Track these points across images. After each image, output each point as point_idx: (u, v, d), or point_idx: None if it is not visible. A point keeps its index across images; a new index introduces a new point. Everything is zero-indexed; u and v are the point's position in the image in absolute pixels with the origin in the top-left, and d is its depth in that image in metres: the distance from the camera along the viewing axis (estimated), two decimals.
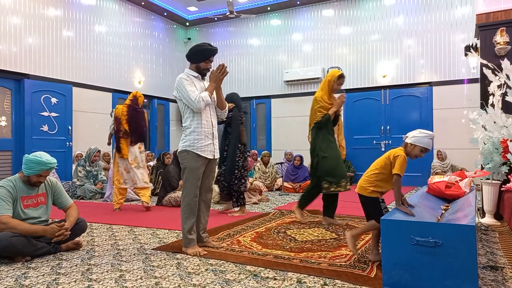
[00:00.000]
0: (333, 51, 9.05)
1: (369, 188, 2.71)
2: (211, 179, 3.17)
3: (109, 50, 8.51)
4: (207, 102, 2.96)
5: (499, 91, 4.37)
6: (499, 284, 2.24)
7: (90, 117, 7.99)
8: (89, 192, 6.41)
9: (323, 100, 4.07)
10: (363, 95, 8.78)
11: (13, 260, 2.73)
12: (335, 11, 9.04)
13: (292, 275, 2.40)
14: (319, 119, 4.02)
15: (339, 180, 3.91)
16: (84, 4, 8.00)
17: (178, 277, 2.38)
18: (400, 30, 8.40)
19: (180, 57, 10.42)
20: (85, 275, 2.43)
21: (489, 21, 5.10)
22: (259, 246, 3.12)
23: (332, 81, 4.11)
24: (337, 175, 3.91)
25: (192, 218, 2.97)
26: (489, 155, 4.17)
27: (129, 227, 4.02)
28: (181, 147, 3.02)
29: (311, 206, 5.25)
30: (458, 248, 1.98)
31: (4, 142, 6.73)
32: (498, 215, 4.13)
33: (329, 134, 4.07)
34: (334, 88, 4.13)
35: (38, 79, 7.06)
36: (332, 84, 4.12)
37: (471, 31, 7.32)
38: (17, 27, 6.83)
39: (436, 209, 2.97)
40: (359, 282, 2.26)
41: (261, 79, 9.89)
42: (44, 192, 3.09)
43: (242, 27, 10.13)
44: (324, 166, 3.94)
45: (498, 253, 2.93)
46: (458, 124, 7.69)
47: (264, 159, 7.65)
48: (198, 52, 3.05)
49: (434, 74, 8.07)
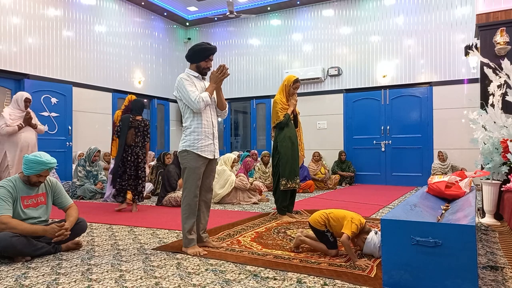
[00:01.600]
0: (333, 51, 9.05)
1: (320, 222, 2.85)
2: (211, 179, 3.17)
3: (109, 50, 8.51)
4: (207, 103, 2.95)
5: (499, 91, 4.37)
6: (499, 284, 2.24)
7: (90, 117, 7.99)
8: (89, 192, 6.40)
9: (282, 102, 4.39)
10: (363, 95, 8.78)
11: (13, 260, 2.73)
12: (335, 11, 9.05)
13: (292, 275, 2.40)
14: (281, 119, 4.31)
15: (294, 177, 4.30)
16: (84, 4, 8.00)
17: (178, 277, 2.38)
18: (400, 30, 8.41)
19: (180, 57, 10.43)
20: (85, 275, 2.43)
21: (489, 21, 5.10)
22: (259, 246, 3.12)
23: (288, 85, 4.42)
24: (291, 173, 4.29)
25: (192, 218, 2.97)
26: (489, 155, 4.17)
27: (129, 227, 4.02)
28: (181, 147, 3.02)
29: (311, 206, 5.27)
30: (458, 248, 1.98)
31: None
32: (498, 215, 4.13)
33: (290, 134, 4.36)
34: (290, 92, 4.44)
35: (38, 79, 7.06)
36: (289, 89, 4.42)
37: (471, 31, 7.32)
38: (17, 27, 6.83)
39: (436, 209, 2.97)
40: (359, 282, 2.26)
41: (261, 79, 9.89)
42: (44, 192, 3.09)
43: (242, 27, 10.14)
44: (282, 165, 4.29)
45: (498, 253, 2.93)
46: (458, 124, 7.69)
47: (264, 159, 7.66)
48: (198, 52, 3.05)
49: (434, 74, 8.07)
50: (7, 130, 4.98)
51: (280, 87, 4.51)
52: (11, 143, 5.06)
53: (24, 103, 5.21)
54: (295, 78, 4.42)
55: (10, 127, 5.00)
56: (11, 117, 5.08)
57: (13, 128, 5.02)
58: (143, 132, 5.17)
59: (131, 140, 5.10)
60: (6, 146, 5.05)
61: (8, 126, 4.99)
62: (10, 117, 5.06)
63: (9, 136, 5.04)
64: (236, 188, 5.80)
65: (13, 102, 5.26)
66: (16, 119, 5.11)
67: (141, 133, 5.16)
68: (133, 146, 5.11)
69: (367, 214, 4.64)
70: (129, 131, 5.11)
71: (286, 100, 4.43)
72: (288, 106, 4.41)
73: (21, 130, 5.12)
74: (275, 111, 4.36)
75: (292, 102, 4.42)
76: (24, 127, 5.14)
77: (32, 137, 5.28)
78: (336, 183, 8.06)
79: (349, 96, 8.93)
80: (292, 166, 4.31)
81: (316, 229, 2.89)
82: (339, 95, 8.98)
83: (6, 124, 4.99)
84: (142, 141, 5.16)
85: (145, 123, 5.21)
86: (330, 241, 2.83)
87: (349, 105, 8.90)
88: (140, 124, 5.16)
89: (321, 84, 9.15)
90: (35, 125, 5.32)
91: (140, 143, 5.14)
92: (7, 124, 5.00)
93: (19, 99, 5.23)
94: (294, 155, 4.37)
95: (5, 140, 5.06)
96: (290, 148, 4.32)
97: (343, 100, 8.94)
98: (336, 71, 8.90)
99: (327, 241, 2.83)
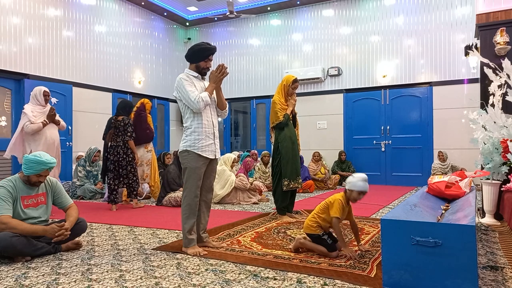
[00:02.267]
0: (333, 51, 9.05)
1: (313, 226, 2.88)
2: (212, 179, 3.17)
3: (109, 50, 8.51)
4: (207, 103, 2.95)
5: (499, 91, 4.37)
6: (499, 284, 2.24)
7: (90, 117, 7.98)
8: (89, 192, 6.41)
9: (281, 103, 4.37)
10: (363, 95, 8.78)
11: (13, 260, 2.73)
12: (335, 11, 9.04)
13: (292, 275, 2.40)
14: (281, 119, 4.30)
15: (296, 177, 4.32)
16: (84, 4, 8.00)
17: (178, 277, 2.38)
18: (400, 30, 8.40)
19: (180, 57, 10.43)
20: (85, 275, 2.43)
21: (489, 21, 5.10)
22: (259, 246, 3.12)
23: (287, 85, 4.39)
24: (293, 173, 4.29)
25: (192, 218, 2.97)
26: (489, 155, 4.17)
27: (129, 227, 4.02)
28: (182, 147, 3.02)
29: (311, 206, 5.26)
30: (458, 248, 1.98)
31: (4, 142, 6.71)
32: (498, 215, 4.13)
33: (290, 134, 4.36)
34: (289, 92, 4.42)
35: (38, 79, 7.05)
36: (287, 89, 4.40)
37: (471, 31, 7.32)
38: (17, 27, 6.82)
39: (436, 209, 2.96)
40: (359, 282, 2.26)
41: (261, 79, 9.89)
42: (44, 192, 3.09)
43: (242, 27, 10.14)
44: (284, 165, 4.28)
45: (498, 253, 2.93)
46: (458, 124, 7.69)
47: (264, 159, 7.65)
48: (197, 52, 3.05)
49: (434, 74, 8.07)
50: (32, 128, 4.65)
51: (278, 87, 4.48)
52: (37, 141, 4.73)
53: (44, 97, 4.88)
54: (294, 78, 4.40)
55: (34, 124, 4.66)
56: (33, 114, 4.76)
57: (38, 125, 4.69)
58: (122, 131, 5.27)
59: (110, 140, 5.32)
60: (32, 145, 4.73)
61: (32, 123, 4.66)
62: (32, 114, 4.74)
63: (34, 134, 4.71)
64: (236, 188, 5.80)
65: (32, 98, 4.89)
66: (39, 116, 4.78)
67: (121, 132, 5.28)
68: (114, 145, 5.28)
69: (367, 214, 4.65)
70: (109, 132, 5.37)
71: (285, 101, 4.40)
72: (287, 106, 4.39)
73: (45, 127, 4.78)
74: (274, 111, 4.35)
75: (291, 102, 4.41)
76: (48, 124, 4.80)
77: (57, 135, 4.98)
78: (336, 183, 8.06)
79: (349, 96, 8.93)
80: (294, 166, 4.30)
81: (312, 235, 2.89)
82: (339, 95, 8.98)
83: (30, 122, 4.66)
84: (123, 140, 5.27)
85: (124, 122, 5.30)
86: (329, 244, 2.83)
87: (349, 105, 8.90)
88: (120, 123, 5.30)
89: (321, 84, 9.15)
90: (58, 122, 4.99)
91: (121, 142, 5.26)
92: (31, 121, 4.66)
93: (37, 93, 4.88)
94: (295, 155, 4.36)
95: (30, 139, 4.75)
96: (291, 148, 4.31)
97: (343, 100, 8.94)
98: (336, 71, 8.90)
99: (326, 244, 2.83)
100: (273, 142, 4.45)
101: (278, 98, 4.39)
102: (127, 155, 5.29)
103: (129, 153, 5.31)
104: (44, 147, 4.67)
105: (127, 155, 5.30)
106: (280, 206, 4.36)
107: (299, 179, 4.35)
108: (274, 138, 4.43)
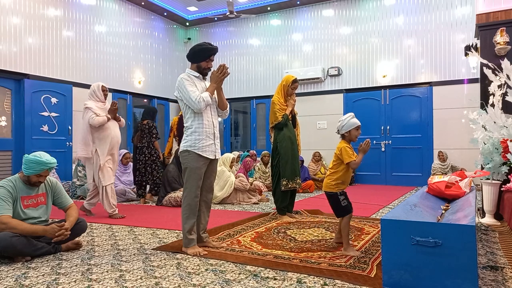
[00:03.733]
0: (333, 51, 9.05)
1: (332, 183, 2.98)
2: (212, 179, 3.17)
3: (109, 50, 8.51)
4: (208, 103, 2.96)
5: (499, 91, 4.36)
6: (499, 284, 2.24)
7: None
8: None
9: (280, 103, 4.38)
10: (363, 95, 8.78)
11: (13, 260, 2.73)
12: (335, 11, 9.04)
13: (292, 275, 2.40)
14: (279, 120, 4.30)
15: (294, 177, 4.32)
16: (84, 4, 8.00)
17: (178, 277, 2.38)
18: (400, 30, 8.40)
19: (180, 57, 10.43)
20: (85, 275, 2.43)
21: (489, 21, 5.10)
22: (259, 246, 3.12)
23: (286, 86, 4.40)
24: (292, 173, 4.30)
25: (192, 218, 2.97)
26: (489, 155, 4.17)
27: (129, 227, 4.02)
28: (182, 147, 3.02)
29: (311, 206, 5.27)
30: (458, 248, 1.98)
31: (4, 142, 6.73)
32: (498, 215, 4.13)
33: (290, 134, 4.36)
34: (289, 92, 4.42)
35: (38, 79, 7.06)
36: (287, 89, 4.40)
37: (471, 31, 7.32)
38: (17, 27, 6.82)
39: (436, 209, 2.96)
40: (359, 282, 2.26)
41: (261, 79, 9.89)
42: (44, 192, 3.09)
43: (242, 27, 10.14)
44: (283, 165, 4.28)
45: (498, 253, 2.93)
46: (458, 124, 7.69)
47: (264, 159, 7.65)
48: (199, 52, 3.05)
49: (434, 74, 8.07)
50: (98, 120, 4.43)
51: (278, 87, 4.48)
52: (102, 140, 4.53)
53: (102, 92, 4.71)
54: (294, 78, 4.40)
55: (100, 117, 4.47)
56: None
57: (103, 118, 4.48)
58: (148, 133, 5.84)
59: (137, 142, 5.91)
60: (97, 143, 4.54)
61: (98, 115, 4.47)
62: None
63: (99, 131, 4.51)
64: (235, 189, 5.79)
65: (91, 94, 4.70)
66: (100, 112, 4.57)
67: (146, 135, 5.84)
68: (140, 146, 5.85)
69: (367, 214, 4.65)
70: (136, 134, 5.97)
71: (284, 101, 4.41)
72: (286, 107, 4.39)
73: (108, 124, 4.58)
74: (273, 111, 4.35)
75: (290, 103, 4.41)
76: (110, 120, 4.61)
77: (119, 132, 4.77)
78: None
79: (349, 96, 8.93)
80: (293, 166, 4.31)
81: (330, 193, 2.97)
82: (339, 95, 8.97)
83: (96, 114, 4.46)
84: (148, 141, 5.82)
85: (149, 125, 5.86)
86: (342, 206, 2.92)
87: (349, 105, 8.89)
88: (145, 127, 5.86)
89: (321, 84, 9.15)
90: (119, 118, 4.79)
91: (146, 143, 5.82)
92: (97, 114, 4.47)
93: (95, 89, 4.69)
94: (294, 155, 4.36)
95: (95, 136, 4.56)
96: (290, 148, 4.32)
97: (343, 100, 8.94)
98: (336, 71, 8.90)
99: (340, 207, 2.92)
100: (273, 142, 4.45)
101: (277, 98, 4.39)
102: (151, 155, 5.84)
103: (153, 153, 5.85)
104: (110, 146, 4.57)
105: (151, 154, 5.84)
106: (280, 206, 4.36)
107: (297, 179, 4.35)
108: (273, 138, 4.43)
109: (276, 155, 4.38)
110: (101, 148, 4.54)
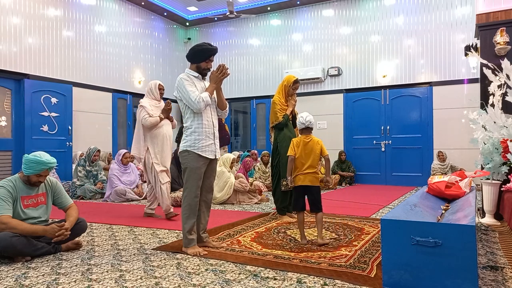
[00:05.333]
0: (333, 51, 9.05)
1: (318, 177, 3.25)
2: (212, 179, 3.17)
3: (109, 50, 8.51)
4: (207, 103, 2.96)
5: (499, 91, 4.36)
6: (499, 284, 2.24)
7: (90, 117, 7.98)
8: (89, 192, 6.41)
9: (281, 103, 4.36)
10: (363, 95, 8.78)
11: (13, 260, 2.73)
12: (335, 11, 9.04)
13: (292, 275, 2.40)
14: (280, 120, 4.29)
15: None
16: (84, 4, 8.00)
17: (178, 277, 2.38)
18: (400, 30, 8.40)
19: (180, 57, 10.43)
20: (85, 275, 2.43)
21: (489, 21, 5.10)
22: (259, 246, 3.12)
23: (288, 86, 4.38)
24: None
25: (192, 218, 2.97)
26: (489, 155, 4.17)
27: (129, 227, 4.02)
28: (182, 147, 3.03)
29: None
30: (458, 248, 1.98)
31: (4, 142, 6.73)
32: (498, 215, 4.13)
33: (290, 134, 4.31)
34: (289, 93, 4.40)
35: (38, 79, 7.06)
36: (288, 89, 4.39)
37: (471, 31, 7.32)
38: (17, 27, 6.82)
39: (436, 209, 2.97)
40: (359, 282, 2.26)
41: (261, 79, 9.89)
42: (44, 192, 3.09)
43: (242, 27, 10.14)
44: (283, 165, 4.19)
45: (498, 253, 2.93)
46: (458, 124, 7.69)
47: (264, 159, 7.65)
48: (198, 52, 3.05)
49: (434, 74, 8.07)
50: (150, 121, 4.42)
51: (279, 87, 4.48)
52: (154, 139, 4.51)
53: (159, 90, 4.69)
54: (295, 79, 4.39)
55: (153, 117, 4.45)
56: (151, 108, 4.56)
57: (156, 119, 4.47)
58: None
59: None
60: (148, 141, 4.52)
61: (151, 116, 4.45)
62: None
63: (152, 131, 4.49)
64: (235, 190, 5.78)
65: (148, 92, 4.70)
66: (155, 111, 4.56)
67: None
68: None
69: (367, 214, 4.64)
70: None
71: (285, 101, 4.41)
72: (287, 107, 4.39)
73: (162, 125, 4.57)
74: (274, 111, 4.35)
75: (291, 103, 4.41)
76: (163, 119, 4.59)
77: (171, 132, 4.76)
78: (336, 183, 8.06)
79: (349, 96, 8.93)
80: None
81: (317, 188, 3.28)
82: (339, 95, 8.98)
83: (149, 115, 4.44)
84: None
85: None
86: None
87: (349, 105, 8.90)
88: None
89: (321, 84, 9.15)
90: (172, 117, 4.79)
91: None
92: (150, 114, 4.45)
93: (153, 88, 4.68)
94: None
95: (147, 135, 4.52)
96: None
97: (343, 100, 8.94)
98: (336, 71, 8.90)
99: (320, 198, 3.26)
100: (273, 142, 4.45)
101: (278, 98, 4.39)
102: None
103: None
104: (160, 146, 4.55)
105: None
106: (280, 206, 4.36)
107: None
108: (273, 138, 4.43)
109: (276, 155, 4.38)
110: (153, 147, 4.52)
